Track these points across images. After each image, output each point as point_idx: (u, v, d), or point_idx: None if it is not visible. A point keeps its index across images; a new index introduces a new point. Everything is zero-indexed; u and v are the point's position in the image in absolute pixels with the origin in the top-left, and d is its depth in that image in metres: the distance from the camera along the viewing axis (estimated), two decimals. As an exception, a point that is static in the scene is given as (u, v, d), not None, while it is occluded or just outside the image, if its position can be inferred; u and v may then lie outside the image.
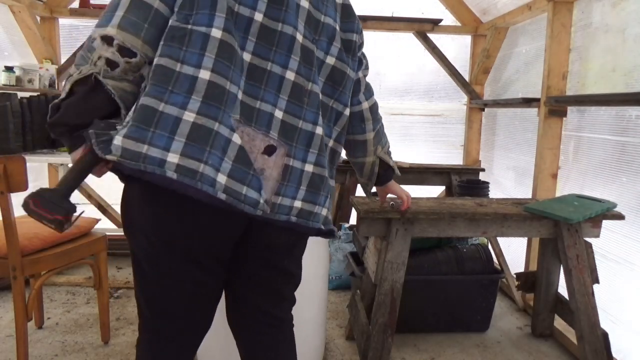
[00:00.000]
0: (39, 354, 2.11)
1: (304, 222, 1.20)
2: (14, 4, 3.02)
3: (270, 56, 1.12)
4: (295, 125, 1.16)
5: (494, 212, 1.99)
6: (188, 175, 1.01)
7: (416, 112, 3.82)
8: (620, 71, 2.21)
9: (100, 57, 1.04)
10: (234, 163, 1.06)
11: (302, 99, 1.16)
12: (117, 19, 1.04)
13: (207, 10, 1.06)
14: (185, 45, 1.05)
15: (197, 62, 1.05)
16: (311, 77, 1.18)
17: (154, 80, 1.04)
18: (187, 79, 1.04)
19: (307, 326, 1.85)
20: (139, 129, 1.01)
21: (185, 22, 1.06)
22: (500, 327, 2.51)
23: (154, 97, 1.03)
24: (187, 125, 1.02)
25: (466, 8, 3.63)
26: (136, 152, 1.01)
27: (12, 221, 1.75)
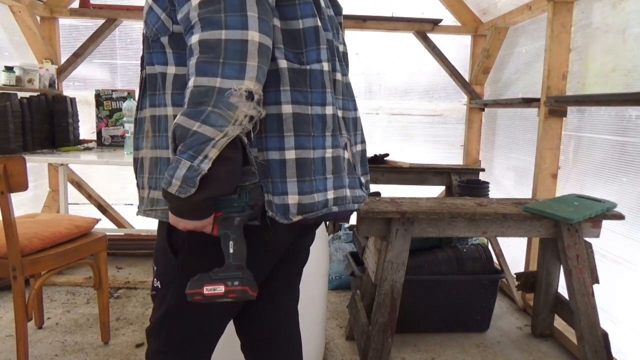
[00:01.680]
0: (39, 354, 2.11)
1: (368, 192, 1.29)
2: (14, 4, 3.02)
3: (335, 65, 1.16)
4: (348, 117, 1.22)
5: (494, 212, 1.99)
6: (342, 204, 1.10)
7: (416, 112, 3.82)
8: (620, 71, 2.21)
9: (247, 116, 0.92)
10: (349, 175, 1.16)
11: (346, 94, 1.25)
12: (253, 70, 0.92)
13: (314, 47, 1.06)
14: (309, 87, 1.05)
15: (322, 100, 1.07)
16: (344, 71, 1.25)
17: (299, 131, 1.03)
18: (319, 120, 1.07)
19: (307, 326, 1.85)
20: (306, 182, 1.04)
21: (300, 62, 1.04)
22: (500, 327, 2.51)
23: (305, 147, 1.04)
24: (330, 162, 1.08)
25: (466, 8, 3.63)
26: (311, 203, 1.04)
27: (12, 221, 1.75)
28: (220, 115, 0.88)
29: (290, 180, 1.02)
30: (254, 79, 0.92)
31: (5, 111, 2.54)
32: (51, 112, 2.87)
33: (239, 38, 0.89)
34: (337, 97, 1.17)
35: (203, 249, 1.05)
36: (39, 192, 3.41)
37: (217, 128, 0.88)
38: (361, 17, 3.53)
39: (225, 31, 0.89)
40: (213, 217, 1.00)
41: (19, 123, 2.64)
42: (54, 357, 2.09)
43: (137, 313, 2.54)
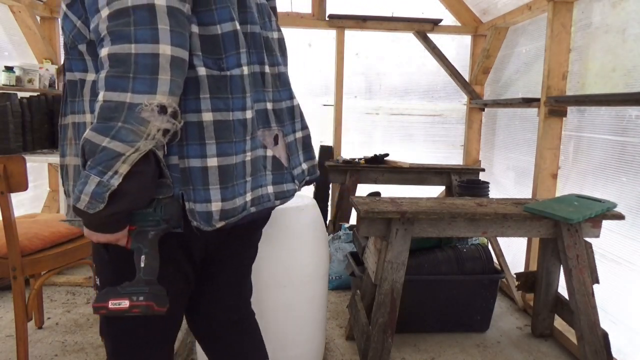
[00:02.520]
0: (39, 354, 2.11)
1: (314, 177, 1.35)
2: (14, 4, 3.02)
3: (255, 59, 1.15)
4: (281, 108, 1.24)
5: (494, 212, 1.99)
6: (258, 204, 1.12)
7: (416, 112, 3.82)
8: (620, 71, 2.21)
9: (159, 130, 0.92)
10: (273, 171, 1.18)
11: (277, 84, 1.24)
12: (166, 85, 0.91)
13: (234, 53, 1.05)
14: (230, 93, 1.04)
15: (242, 105, 1.06)
16: (275, 61, 1.25)
17: (221, 138, 1.02)
18: (240, 125, 1.06)
19: (307, 326, 1.85)
20: (229, 189, 1.04)
21: (219, 68, 1.03)
22: (500, 327, 2.51)
23: (227, 154, 1.03)
24: (249, 165, 1.09)
25: (466, 8, 3.63)
26: (232, 209, 1.04)
27: (12, 221, 1.75)
28: (131, 130, 0.87)
29: (213, 187, 1.01)
30: (167, 93, 0.91)
31: (5, 111, 2.54)
32: (51, 112, 2.87)
33: (149, 52, 0.88)
34: (267, 90, 1.18)
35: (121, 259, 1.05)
36: (39, 192, 3.41)
37: (128, 143, 0.87)
38: (361, 17, 3.53)
39: (135, 45, 0.87)
40: (127, 230, 0.99)
41: (19, 123, 2.64)
42: (54, 357, 2.09)
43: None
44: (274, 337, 1.77)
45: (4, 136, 2.53)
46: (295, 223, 1.78)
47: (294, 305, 1.78)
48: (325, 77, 3.75)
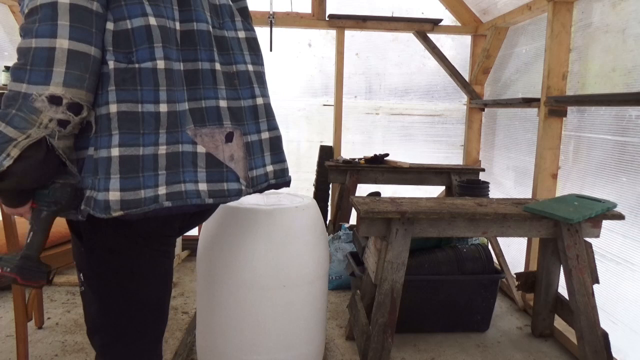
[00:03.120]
0: (39, 354, 2.11)
1: (281, 180, 1.41)
2: (14, 4, 3.02)
3: (198, 56, 1.19)
4: (239, 106, 1.27)
5: (494, 212, 1.99)
6: (178, 199, 1.13)
7: (416, 112, 3.82)
8: (620, 71, 2.21)
9: (52, 120, 0.99)
10: (207, 169, 1.18)
11: (233, 82, 1.27)
12: (60, 76, 0.98)
13: (146, 46, 1.08)
14: (139, 85, 1.08)
15: (154, 98, 1.09)
16: (231, 59, 1.28)
17: (125, 129, 1.06)
18: (152, 117, 1.09)
19: (307, 326, 1.85)
20: (131, 179, 1.07)
21: (129, 61, 1.07)
22: (500, 327, 2.51)
23: (131, 145, 1.06)
24: (163, 159, 1.11)
25: (466, 8, 3.63)
26: (136, 200, 1.06)
27: (12, 221, 1.75)
28: (24, 118, 0.96)
29: (114, 176, 1.05)
30: (61, 85, 0.97)
31: (5, 111, 2.54)
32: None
33: (46, 46, 0.96)
34: (218, 88, 1.22)
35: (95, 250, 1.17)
36: (39, 192, 3.41)
37: (20, 130, 0.96)
38: (361, 17, 3.53)
39: (35, 39, 0.96)
40: (30, 207, 1.08)
41: (19, 123, 2.64)
42: (54, 357, 2.09)
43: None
44: (274, 337, 1.77)
45: (4, 136, 2.53)
46: (295, 223, 1.78)
47: (294, 305, 1.78)
48: (325, 77, 3.75)
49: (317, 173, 3.68)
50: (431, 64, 3.76)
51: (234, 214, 1.76)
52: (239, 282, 1.73)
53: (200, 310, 1.87)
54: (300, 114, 3.80)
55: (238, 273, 1.73)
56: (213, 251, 1.78)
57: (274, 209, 1.76)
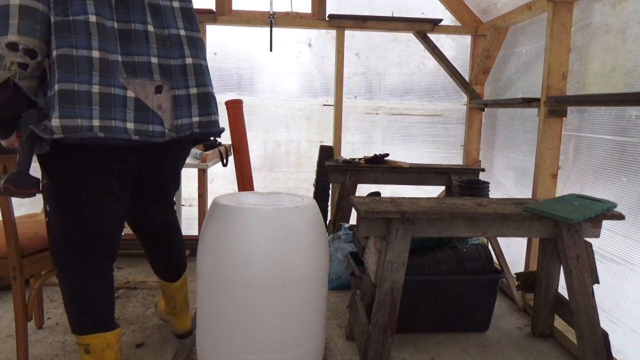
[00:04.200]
0: (39, 354, 2.11)
1: (206, 130, 1.64)
2: (14, 4, 3.02)
3: (131, 18, 1.46)
4: (169, 64, 1.55)
5: (494, 212, 1.99)
6: (109, 132, 1.41)
7: (416, 112, 3.82)
8: (620, 71, 2.21)
9: (13, 63, 1.30)
10: (136, 111, 1.46)
11: (165, 43, 1.54)
12: (14, 27, 1.27)
13: (79, 3, 1.36)
14: (74, 34, 1.35)
15: (87, 45, 1.37)
16: (164, 24, 1.54)
17: (62, 69, 1.34)
18: (85, 60, 1.37)
19: (307, 326, 1.85)
20: (68, 109, 1.34)
21: (65, 15, 1.35)
22: (500, 327, 2.51)
23: (67, 81, 1.34)
24: (96, 96, 1.38)
25: (466, 8, 3.63)
26: (73, 126, 1.35)
27: (12, 221, 1.75)
28: None
29: (56, 107, 1.32)
30: (16, 33, 1.27)
31: (5, 111, 2.54)
32: (51, 112, 2.87)
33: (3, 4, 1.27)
34: (150, 46, 1.50)
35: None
36: (39, 192, 3.40)
37: None
38: (361, 17, 3.53)
39: None
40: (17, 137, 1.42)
41: (19, 123, 2.64)
42: (54, 357, 2.09)
43: (137, 313, 2.54)
44: (274, 337, 1.77)
45: (4, 136, 2.53)
46: (295, 223, 1.78)
47: (294, 305, 1.78)
48: (325, 77, 3.76)
49: (317, 173, 3.68)
50: (431, 64, 3.76)
51: (234, 214, 1.76)
52: (239, 282, 1.73)
53: (200, 310, 1.87)
54: (300, 114, 3.80)
55: (238, 273, 1.73)
56: (213, 251, 1.78)
57: (274, 209, 1.76)
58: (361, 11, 3.59)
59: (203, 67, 1.64)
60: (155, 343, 2.22)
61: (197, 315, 1.91)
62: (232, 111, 3.40)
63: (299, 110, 3.79)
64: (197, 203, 3.58)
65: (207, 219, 1.84)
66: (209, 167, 3.05)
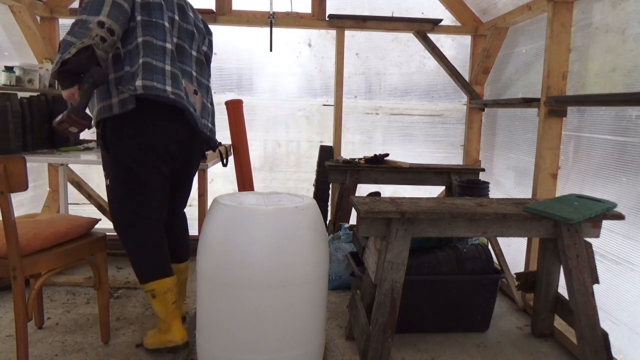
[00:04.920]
0: (39, 354, 2.11)
1: (213, 136, 2.22)
2: (14, 4, 3.02)
3: (185, 40, 2.08)
4: (202, 81, 2.17)
5: (494, 212, 1.99)
6: (178, 97, 1.94)
7: (416, 112, 3.82)
8: (620, 71, 2.21)
9: (97, 35, 1.78)
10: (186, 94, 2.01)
11: (201, 67, 2.19)
12: (105, 12, 1.80)
13: (159, 12, 1.95)
14: (155, 29, 1.92)
15: (163, 38, 1.94)
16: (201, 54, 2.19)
17: (146, 49, 1.89)
18: (161, 48, 1.93)
19: (307, 326, 1.85)
20: (148, 75, 1.87)
21: (149, 17, 1.92)
22: (500, 327, 2.51)
23: (149, 57, 1.89)
24: (168, 73, 1.93)
25: (466, 8, 3.63)
26: (151, 86, 1.87)
27: (12, 221, 1.75)
28: (82, 32, 1.77)
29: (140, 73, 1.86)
30: (105, 16, 1.80)
31: (5, 111, 2.54)
32: (51, 112, 2.86)
33: None
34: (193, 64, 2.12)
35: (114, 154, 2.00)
36: (39, 192, 3.41)
37: (78, 38, 1.76)
38: (361, 17, 3.53)
39: None
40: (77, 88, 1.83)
41: (19, 123, 2.64)
42: (54, 357, 2.09)
43: (137, 313, 2.54)
44: (274, 337, 1.77)
45: (4, 136, 2.53)
46: (295, 223, 1.78)
47: (294, 305, 1.78)
48: (325, 77, 3.75)
49: (317, 173, 3.68)
50: (431, 64, 3.76)
51: (234, 214, 1.76)
52: (239, 282, 1.73)
53: (200, 310, 1.87)
54: (300, 114, 3.80)
55: (238, 273, 1.73)
56: (213, 251, 1.78)
57: (274, 209, 1.76)
58: (361, 11, 3.59)
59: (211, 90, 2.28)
60: (155, 343, 2.22)
61: (197, 315, 1.91)
62: (232, 111, 3.40)
63: (299, 110, 3.79)
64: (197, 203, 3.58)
65: (207, 219, 1.84)
66: (209, 167, 3.05)
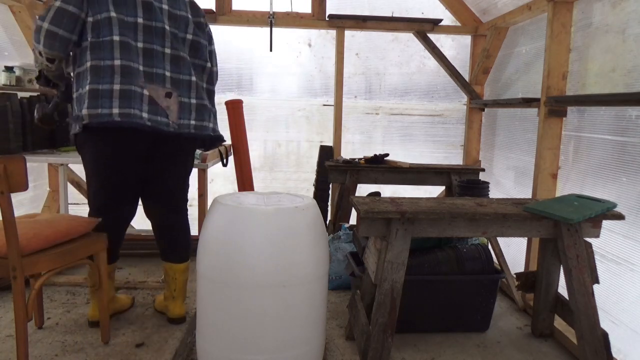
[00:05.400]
0: (39, 354, 2.11)
1: (199, 132, 2.18)
2: (14, 4, 3.02)
3: (153, 42, 2.04)
4: (179, 79, 2.11)
5: (494, 212, 1.99)
6: (127, 117, 1.96)
7: (416, 112, 3.82)
8: (620, 71, 2.21)
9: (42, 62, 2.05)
10: (149, 106, 2.02)
11: (179, 64, 2.11)
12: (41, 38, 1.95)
13: (107, 29, 1.96)
14: (102, 50, 1.96)
15: (111, 57, 1.96)
16: (179, 49, 2.11)
17: (92, 74, 1.95)
18: (109, 68, 1.96)
19: (307, 326, 1.85)
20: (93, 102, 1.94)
21: (97, 37, 1.96)
22: (500, 327, 2.51)
23: (95, 83, 1.95)
24: (117, 93, 1.96)
25: (466, 8, 3.63)
26: (95, 114, 1.94)
27: (12, 221, 1.75)
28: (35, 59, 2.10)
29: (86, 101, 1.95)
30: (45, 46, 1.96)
31: (5, 111, 2.54)
32: (51, 112, 2.86)
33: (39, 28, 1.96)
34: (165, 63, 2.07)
35: None
36: (39, 192, 3.41)
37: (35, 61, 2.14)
38: (361, 17, 3.53)
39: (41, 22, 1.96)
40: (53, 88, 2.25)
41: (19, 123, 2.64)
42: (54, 357, 2.09)
43: (137, 313, 2.54)
44: (274, 337, 1.77)
45: (4, 136, 2.53)
46: (295, 223, 1.78)
47: (294, 305, 1.78)
48: (325, 77, 3.75)
49: (317, 173, 3.68)
50: (431, 64, 3.76)
51: (234, 214, 1.76)
52: (239, 282, 1.73)
53: (200, 310, 1.87)
54: (300, 114, 3.80)
55: (238, 273, 1.73)
56: (213, 251, 1.78)
57: (274, 209, 1.76)
58: (361, 11, 3.59)
59: (203, 87, 2.22)
60: (155, 343, 2.22)
61: (197, 315, 1.91)
62: (232, 111, 3.40)
63: (298, 110, 3.79)
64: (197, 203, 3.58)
65: (207, 219, 1.84)
66: (209, 167, 3.05)
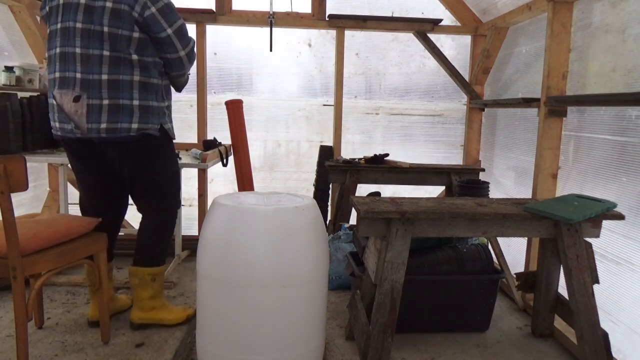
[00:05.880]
0: (39, 354, 2.11)
1: (112, 135, 2.03)
2: (14, 4, 3.02)
3: (67, 43, 1.98)
4: (89, 79, 1.99)
5: (494, 212, 1.99)
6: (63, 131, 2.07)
7: (416, 112, 3.82)
8: (620, 71, 2.21)
9: None
10: (58, 114, 2.05)
11: (89, 62, 1.98)
12: None
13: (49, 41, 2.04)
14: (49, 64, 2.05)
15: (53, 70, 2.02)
16: (89, 45, 1.97)
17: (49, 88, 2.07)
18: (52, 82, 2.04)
19: (307, 326, 1.85)
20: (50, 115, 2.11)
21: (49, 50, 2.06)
22: (500, 327, 2.51)
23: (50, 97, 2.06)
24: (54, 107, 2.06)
25: (466, 8, 3.63)
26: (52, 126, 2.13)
27: (12, 221, 1.75)
28: None
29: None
30: None
31: (5, 111, 2.54)
32: (51, 112, 2.87)
33: None
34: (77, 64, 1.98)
35: None
36: (39, 192, 3.41)
37: None
38: (361, 17, 3.53)
39: None
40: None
41: (19, 123, 2.64)
42: (54, 357, 2.09)
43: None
44: (274, 337, 1.77)
45: (4, 136, 2.53)
46: (295, 223, 1.78)
47: (294, 305, 1.78)
48: (325, 77, 3.76)
49: (317, 173, 3.68)
50: (431, 64, 3.76)
51: (234, 214, 1.76)
52: (239, 282, 1.73)
53: (200, 310, 1.87)
54: (300, 114, 3.80)
55: (238, 273, 1.73)
56: (213, 251, 1.78)
57: (274, 209, 1.76)
58: (361, 11, 3.59)
59: (120, 83, 2.00)
60: (155, 343, 2.22)
61: (197, 315, 1.91)
62: (232, 111, 3.40)
63: (298, 110, 3.79)
64: (197, 203, 3.58)
65: (207, 219, 1.84)
66: (209, 167, 3.05)
